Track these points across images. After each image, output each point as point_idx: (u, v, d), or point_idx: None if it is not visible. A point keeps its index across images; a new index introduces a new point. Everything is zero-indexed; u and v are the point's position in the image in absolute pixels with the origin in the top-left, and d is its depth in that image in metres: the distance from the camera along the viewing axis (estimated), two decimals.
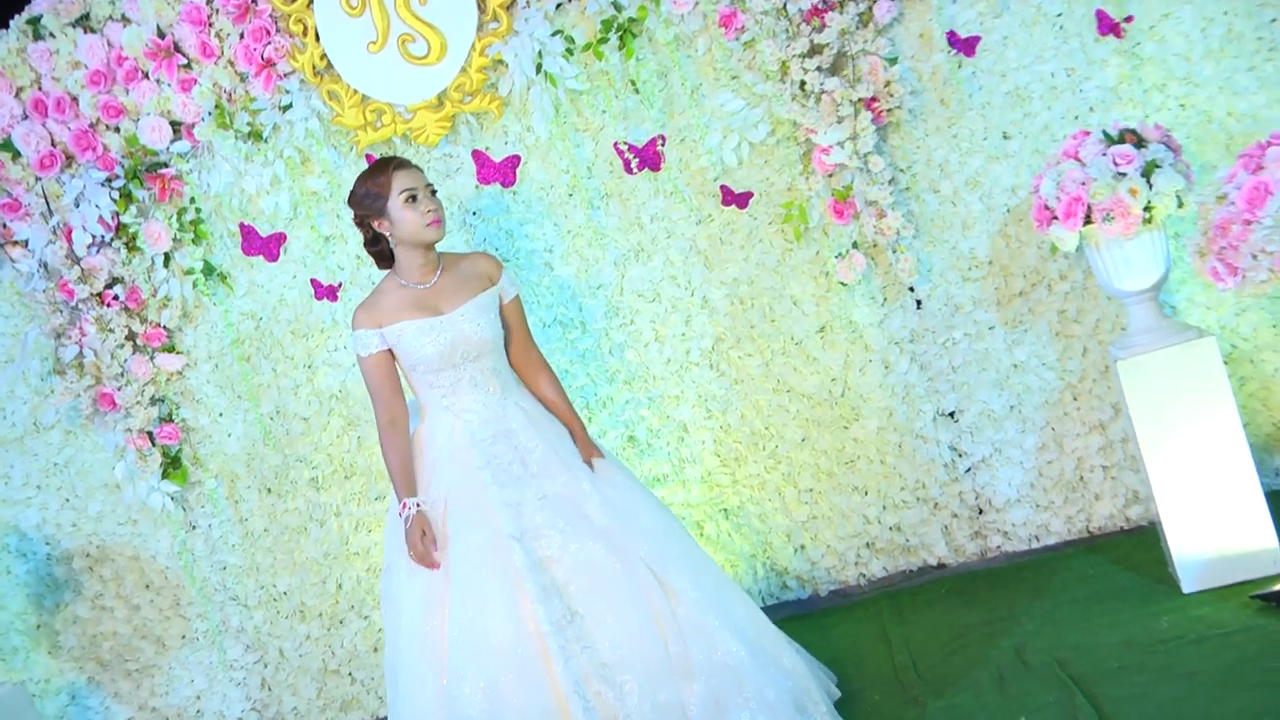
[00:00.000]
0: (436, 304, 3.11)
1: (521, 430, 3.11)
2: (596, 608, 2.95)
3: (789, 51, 3.78)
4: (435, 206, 3.09)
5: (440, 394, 3.13)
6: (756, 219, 3.96)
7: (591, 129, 3.98)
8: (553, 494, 3.04)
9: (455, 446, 3.08)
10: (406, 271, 3.15)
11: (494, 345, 3.16)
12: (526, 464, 3.07)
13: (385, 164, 3.14)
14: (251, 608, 4.19)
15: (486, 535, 2.96)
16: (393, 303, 3.12)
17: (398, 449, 3.11)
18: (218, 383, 4.12)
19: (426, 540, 2.99)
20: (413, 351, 3.08)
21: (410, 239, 3.11)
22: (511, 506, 2.99)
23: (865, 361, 3.97)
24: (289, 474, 4.12)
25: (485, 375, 3.15)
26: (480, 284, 3.18)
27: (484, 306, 3.16)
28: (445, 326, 3.08)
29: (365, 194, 3.13)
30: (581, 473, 3.13)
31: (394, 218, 3.10)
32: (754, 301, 3.99)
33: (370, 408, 3.98)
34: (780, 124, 3.88)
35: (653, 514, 3.15)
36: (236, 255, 4.08)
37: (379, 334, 3.10)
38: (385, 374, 3.12)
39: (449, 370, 3.10)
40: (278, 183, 4.02)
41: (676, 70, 3.91)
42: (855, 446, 4.01)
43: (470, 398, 3.12)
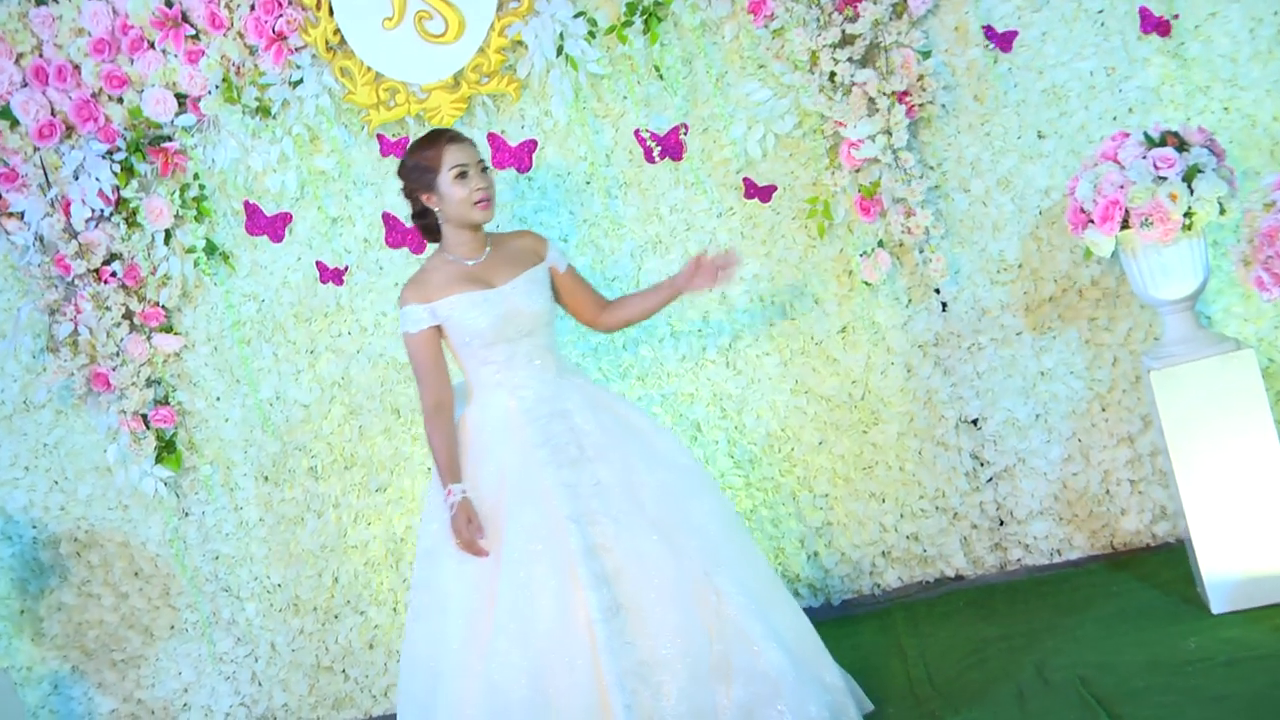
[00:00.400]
0: (487, 278, 3.09)
1: (577, 411, 3.08)
2: (643, 603, 2.91)
3: (819, 41, 3.72)
4: (485, 185, 3.06)
5: (493, 370, 3.09)
6: (779, 214, 3.91)
7: (612, 115, 3.92)
8: (607, 480, 3.00)
9: (510, 424, 3.04)
10: (455, 247, 3.13)
11: (546, 321, 3.13)
12: (583, 447, 3.03)
13: (438, 136, 3.10)
14: (244, 599, 4.14)
15: (542, 515, 2.93)
16: (442, 278, 3.09)
17: (443, 433, 3.06)
18: (216, 366, 4.07)
19: (473, 528, 2.96)
20: (464, 326, 3.05)
21: (457, 218, 3.09)
22: (569, 488, 2.96)
23: (887, 364, 3.92)
24: (287, 462, 4.07)
25: (539, 351, 3.12)
26: (529, 259, 3.16)
27: (535, 280, 3.13)
28: (498, 298, 3.06)
29: (415, 166, 3.10)
30: (637, 459, 3.07)
31: (442, 193, 3.07)
32: (774, 299, 3.94)
33: (373, 398, 4.04)
34: (807, 116, 3.82)
35: (710, 508, 3.11)
36: (240, 234, 4.02)
37: (429, 309, 3.07)
38: (433, 353, 3.08)
39: (502, 345, 3.07)
40: (285, 161, 3.96)
41: (702, 57, 3.85)
42: (874, 452, 3.96)
43: (525, 373, 3.09)
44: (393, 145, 3.96)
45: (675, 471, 3.13)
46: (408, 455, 4.06)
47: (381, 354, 4.02)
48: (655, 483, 3.06)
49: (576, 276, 3.29)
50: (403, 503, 4.06)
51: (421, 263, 3.89)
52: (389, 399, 4.03)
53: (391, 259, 4.01)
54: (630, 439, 3.14)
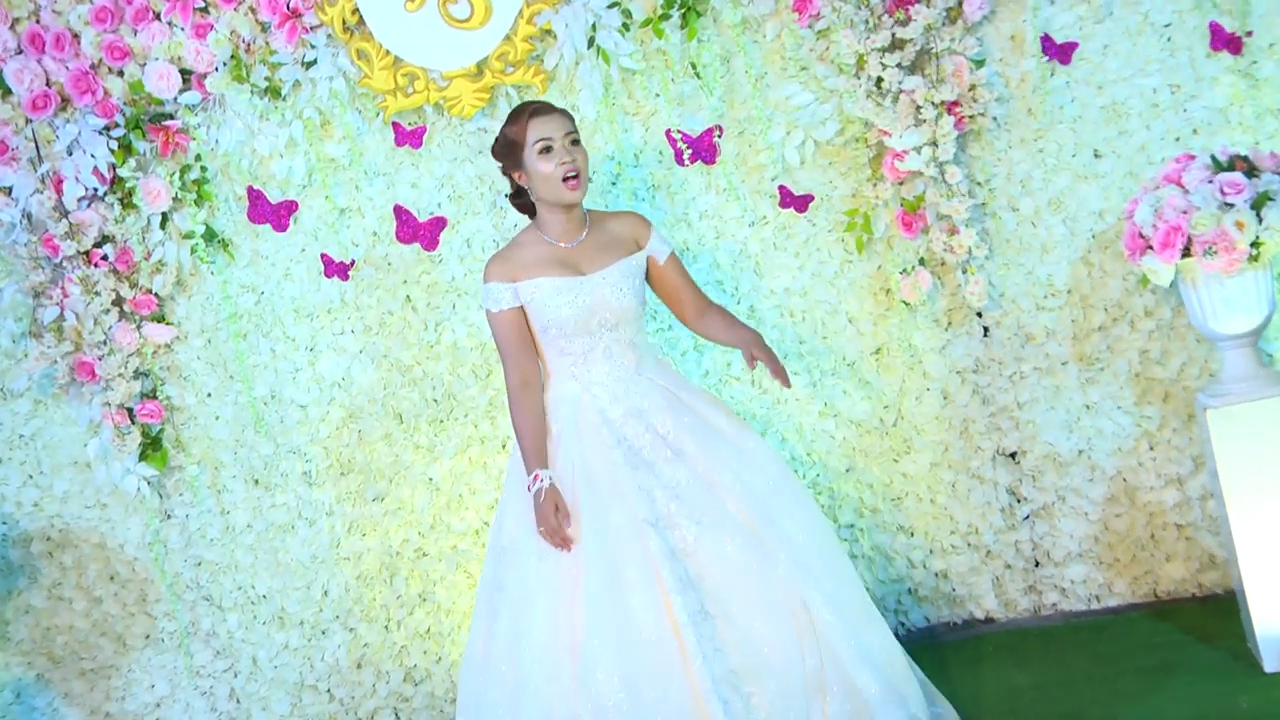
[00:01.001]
0: (578, 263, 3.04)
1: (655, 411, 3.02)
2: (729, 609, 2.86)
3: (867, 44, 3.61)
4: (573, 159, 2.99)
5: (570, 362, 3.04)
6: (815, 225, 3.80)
7: (643, 113, 3.81)
8: (687, 481, 2.95)
9: (583, 421, 3.00)
10: (549, 226, 3.08)
11: (635, 315, 3.06)
12: (658, 448, 2.98)
13: (522, 110, 3.06)
14: (225, 610, 3.99)
15: (623, 517, 2.88)
16: (530, 256, 3.04)
17: (530, 413, 3.01)
18: (209, 360, 3.93)
19: (561, 516, 2.90)
20: (546, 312, 3.00)
21: (546, 196, 3.03)
22: (644, 491, 2.91)
23: (922, 390, 3.81)
24: (279, 466, 3.94)
25: (622, 347, 3.06)
26: (627, 247, 3.09)
27: (628, 272, 3.06)
28: (585, 288, 3.01)
29: (502, 143, 3.06)
30: (721, 461, 3.00)
31: (530, 170, 3.03)
32: (805, 315, 3.83)
33: (375, 401, 3.91)
34: (850, 123, 3.72)
35: (802, 518, 3.03)
36: (241, 221, 3.89)
37: (513, 289, 3.02)
38: (518, 332, 3.04)
39: (583, 337, 3.02)
40: (293, 145, 3.84)
41: (741, 55, 3.74)
42: (904, 482, 3.85)
43: (602, 370, 3.04)
44: (408, 135, 3.84)
45: (763, 477, 3.05)
46: (408, 464, 3.93)
47: (386, 355, 3.90)
48: (740, 486, 2.99)
49: (678, 268, 3.17)
50: (401, 514, 3.94)
51: (437, 258, 3.84)
52: (391, 403, 3.91)
53: (401, 255, 3.88)
54: (714, 440, 3.06)
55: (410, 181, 3.84)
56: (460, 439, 3.87)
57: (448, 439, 3.88)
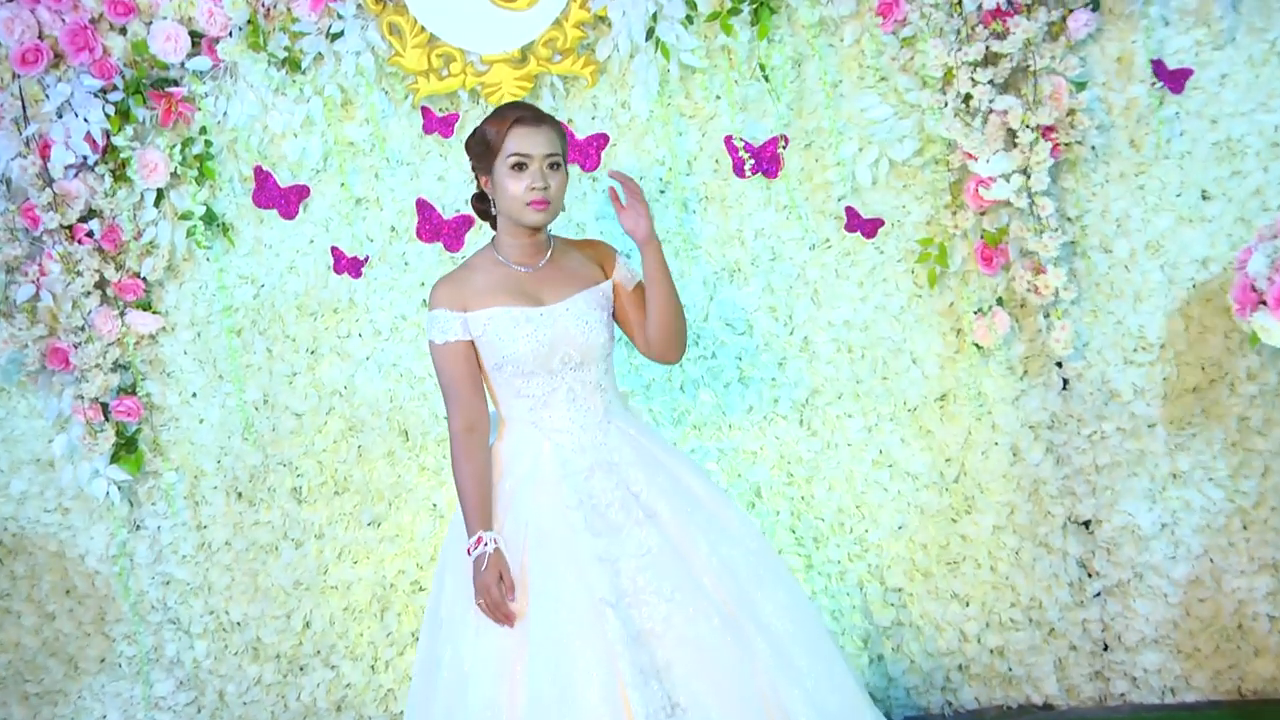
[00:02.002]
0: (537, 292, 2.79)
1: (627, 465, 2.77)
2: (703, 700, 2.57)
3: (958, 57, 3.33)
4: (546, 185, 2.72)
5: (528, 406, 2.78)
6: (884, 253, 3.52)
7: (700, 116, 3.54)
8: (659, 548, 2.68)
9: (542, 476, 2.74)
10: (507, 248, 2.82)
11: (602, 354, 2.82)
12: (629, 508, 2.72)
13: (506, 112, 2.78)
14: (194, 636, 3.70)
15: (576, 593, 2.61)
16: (485, 282, 2.78)
17: (474, 464, 2.73)
18: (197, 356, 3.65)
19: (503, 587, 2.62)
20: (501, 346, 2.74)
21: (508, 213, 2.78)
22: (607, 562, 2.64)
23: (990, 444, 3.53)
24: (267, 479, 3.66)
25: (587, 390, 2.80)
26: (592, 276, 2.85)
27: (595, 302, 2.82)
28: (545, 320, 2.75)
29: (478, 139, 2.79)
30: (698, 530, 2.73)
31: (496, 180, 2.77)
32: (866, 352, 3.55)
33: (379, 414, 3.61)
34: (931, 142, 3.45)
35: (784, 602, 2.74)
36: (245, 205, 3.62)
37: (462, 319, 2.76)
38: (464, 368, 2.76)
39: (543, 376, 2.77)
40: (310, 125, 3.57)
41: (815, 60, 3.47)
42: (963, 546, 3.56)
43: (565, 415, 2.78)
44: (438, 122, 3.57)
45: (741, 551, 2.78)
46: (411, 487, 3.65)
47: (395, 364, 3.62)
48: (717, 561, 2.71)
49: (639, 299, 2.90)
50: (399, 541, 3.65)
51: (461, 259, 3.55)
52: (397, 418, 3.62)
53: (420, 254, 3.60)
54: (689, 505, 2.79)
55: (437, 174, 3.57)
56: None
57: None
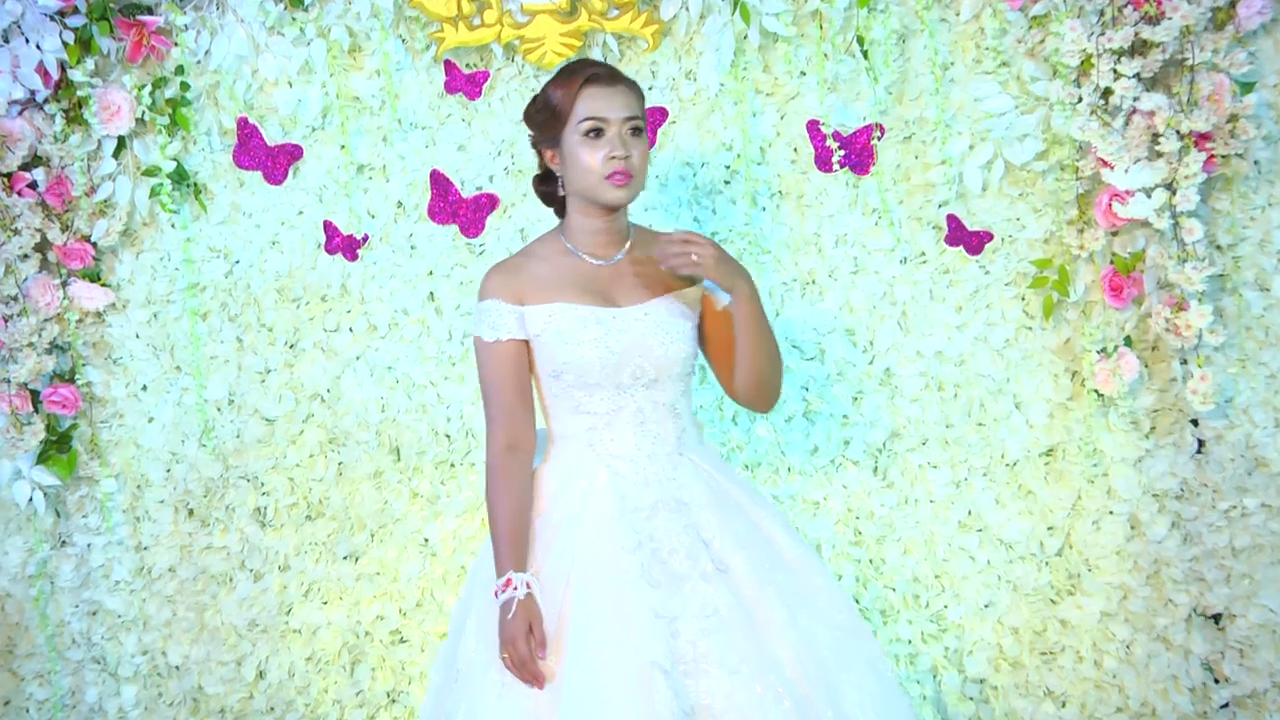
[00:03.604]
0: (611, 290, 2.51)
1: (699, 506, 2.48)
2: None
3: (1099, 43, 2.92)
4: (628, 154, 2.43)
5: (586, 425, 2.50)
6: (990, 273, 3.14)
7: (780, 94, 3.15)
8: (728, 610, 2.38)
9: (594, 510, 2.46)
10: (579, 235, 2.53)
11: (681, 370, 2.52)
12: (696, 558, 2.42)
13: (575, 70, 2.49)
14: (122, 680, 3.27)
15: (622, 654, 2.33)
16: (548, 273, 2.50)
17: (513, 490, 2.45)
18: (151, 341, 3.25)
19: (533, 642, 2.36)
20: (562, 351, 2.46)
21: (582, 190, 2.48)
22: (664, 620, 2.35)
23: (1103, 512, 3.12)
24: (226, 495, 3.26)
25: (659, 413, 2.50)
26: (679, 278, 2.53)
27: (678, 311, 2.52)
28: (618, 325, 2.47)
29: (541, 106, 2.51)
30: (775, 590, 2.42)
31: (567, 153, 2.47)
32: (960, 391, 3.15)
33: (366, 426, 3.24)
34: (1059, 144, 3.05)
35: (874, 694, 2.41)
36: (224, 164, 3.22)
37: (518, 314, 2.48)
38: (514, 373, 2.48)
39: (609, 391, 2.48)
40: (309, 72, 3.17)
41: (924, 36, 3.07)
42: (1062, 633, 3.15)
43: (630, 440, 2.49)
44: (464, 80, 3.19)
45: (826, 625, 2.46)
46: (399, 516, 3.23)
47: (390, 367, 3.22)
48: (796, 634, 2.40)
49: None
50: (379, 581, 3.23)
51: (480, 247, 3.15)
52: (389, 432, 3.21)
53: (431, 237, 3.20)
54: (769, 562, 2.49)
55: (458, 142, 3.18)
56: (473, 492, 3.17)
57: (457, 489, 3.22)
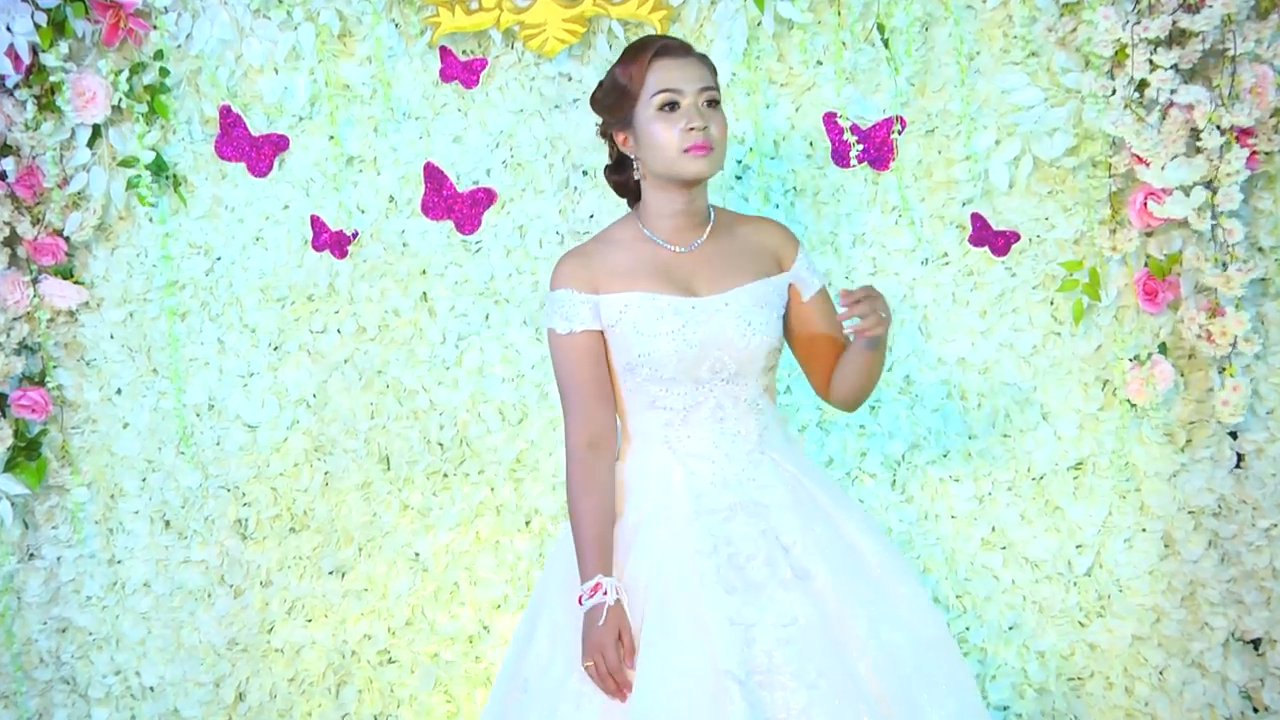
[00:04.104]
0: (690, 279, 2.43)
1: (780, 508, 2.41)
2: None
3: (1134, 32, 2.80)
4: (705, 124, 2.37)
5: (663, 421, 2.44)
6: (1016, 275, 3.03)
7: (796, 85, 3.03)
8: (807, 620, 2.31)
9: (671, 512, 2.40)
10: (656, 220, 2.46)
11: (764, 364, 2.45)
12: (775, 564, 2.35)
13: (644, 46, 2.43)
14: (93, 702, 3.14)
15: (696, 662, 2.28)
16: (624, 260, 2.44)
17: (598, 491, 2.41)
18: (127, 342, 3.14)
19: (622, 650, 2.31)
20: (638, 342, 2.39)
21: (660, 168, 2.40)
22: (740, 627, 2.29)
23: (1136, 530, 3.01)
24: (204, 506, 3.14)
25: (740, 409, 2.44)
26: (764, 265, 2.48)
27: (764, 299, 2.45)
28: (698, 315, 2.40)
29: (609, 87, 2.44)
30: (858, 600, 2.35)
31: (640, 131, 2.40)
32: (984, 400, 3.03)
33: (354, 434, 3.14)
34: (1090, 138, 2.93)
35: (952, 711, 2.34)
36: (206, 154, 3.11)
37: (593, 304, 2.42)
38: (590, 367, 2.43)
39: (687, 386, 2.41)
40: (296, 59, 3.06)
41: (949, 24, 2.95)
42: (1091, 657, 3.04)
43: (709, 438, 2.43)
44: (460, 67, 3.07)
45: (910, 640, 2.37)
46: (388, 529, 3.11)
47: (380, 370, 3.10)
48: (877, 647, 2.33)
49: (826, 311, 2.50)
50: (366, 598, 3.12)
51: (477, 243, 3.04)
52: (379, 440, 3.10)
53: (424, 234, 3.08)
54: (853, 569, 2.42)
55: (453, 133, 3.06)
56: (468, 504, 3.07)
57: (450, 501, 3.10)
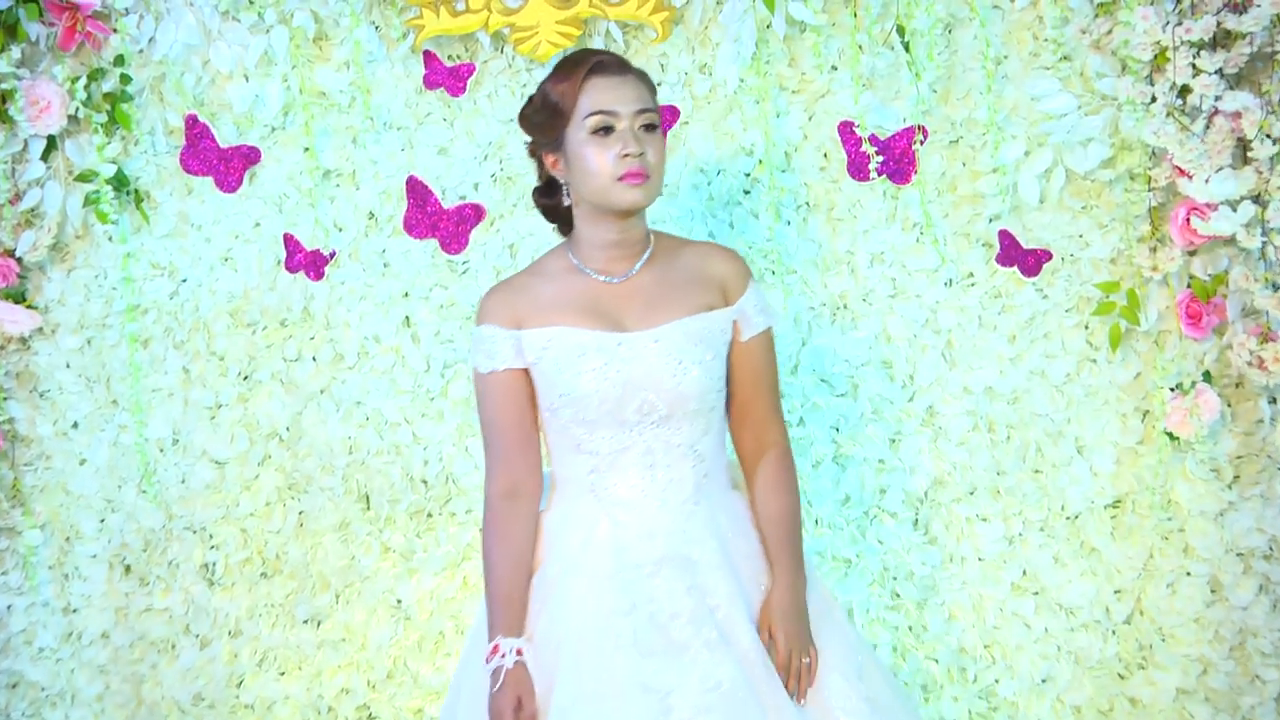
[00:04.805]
0: (620, 311, 2.31)
1: (708, 566, 2.28)
2: None
3: (1176, 34, 2.64)
4: (641, 150, 2.24)
5: (588, 466, 2.31)
6: (1049, 298, 2.87)
7: (809, 92, 2.87)
8: (731, 685, 2.20)
9: (593, 565, 2.30)
10: (588, 249, 2.34)
11: (701, 404, 2.30)
12: (701, 624, 2.24)
13: (577, 62, 2.30)
14: None
15: None
16: (552, 293, 2.33)
17: (511, 542, 2.30)
18: (85, 371, 3.01)
19: (521, 716, 2.23)
20: (559, 380, 2.28)
21: (591, 196, 2.28)
22: (655, 695, 2.19)
23: (1180, 573, 2.85)
24: (168, 549, 3.02)
25: (674, 454, 2.30)
26: (706, 297, 2.34)
27: (700, 335, 2.31)
28: (623, 352, 2.27)
29: (540, 105, 2.31)
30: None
31: (572, 155, 2.27)
32: (1013, 433, 2.87)
33: (331, 470, 3.03)
34: (1128, 149, 2.77)
35: None
36: (171, 168, 2.97)
37: (514, 340, 2.31)
38: (513, 409, 2.31)
39: (613, 429, 2.28)
40: (268, 64, 2.92)
41: (974, 25, 2.79)
42: (1132, 713, 2.89)
43: (637, 486, 2.30)
44: (445, 73, 2.92)
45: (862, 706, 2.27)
46: (368, 574, 2.96)
47: (360, 402, 2.95)
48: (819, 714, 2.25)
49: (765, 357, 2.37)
50: (344, 649, 2.98)
51: (464, 264, 2.90)
52: (356, 477, 2.95)
53: (407, 253, 2.94)
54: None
55: (438, 145, 2.92)
56: (455, 546, 2.93)
57: (435, 543, 2.96)
